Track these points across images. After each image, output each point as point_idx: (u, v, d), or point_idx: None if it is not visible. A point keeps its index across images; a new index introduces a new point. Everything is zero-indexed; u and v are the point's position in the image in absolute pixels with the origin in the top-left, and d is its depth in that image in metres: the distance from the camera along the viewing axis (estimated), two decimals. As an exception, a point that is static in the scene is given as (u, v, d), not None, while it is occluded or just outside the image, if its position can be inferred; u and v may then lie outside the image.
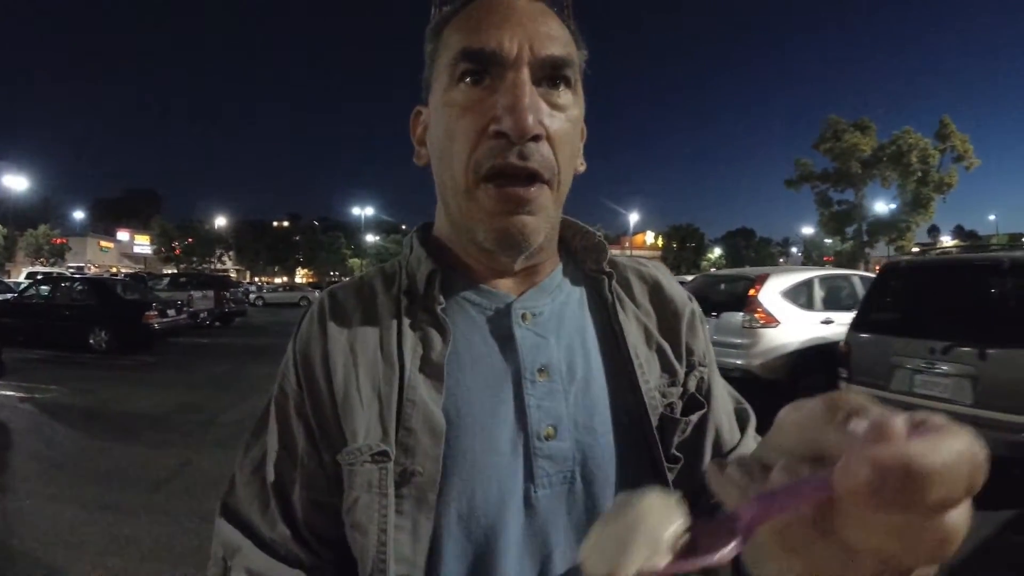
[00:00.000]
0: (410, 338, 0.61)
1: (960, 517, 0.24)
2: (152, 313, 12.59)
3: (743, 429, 0.72)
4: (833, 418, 0.27)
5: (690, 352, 0.71)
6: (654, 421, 0.64)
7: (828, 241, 38.17)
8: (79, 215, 58.93)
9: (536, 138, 0.55)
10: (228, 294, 19.86)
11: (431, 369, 0.60)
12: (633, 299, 0.71)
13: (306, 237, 72.03)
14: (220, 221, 65.21)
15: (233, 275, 39.94)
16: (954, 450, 0.23)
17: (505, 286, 0.66)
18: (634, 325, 0.68)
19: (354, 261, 72.36)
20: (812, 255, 49.20)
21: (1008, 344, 4.10)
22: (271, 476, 0.61)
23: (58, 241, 46.29)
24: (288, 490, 0.60)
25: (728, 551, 0.27)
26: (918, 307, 5.09)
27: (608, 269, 0.70)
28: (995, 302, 4.52)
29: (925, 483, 0.23)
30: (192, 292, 17.17)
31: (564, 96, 0.59)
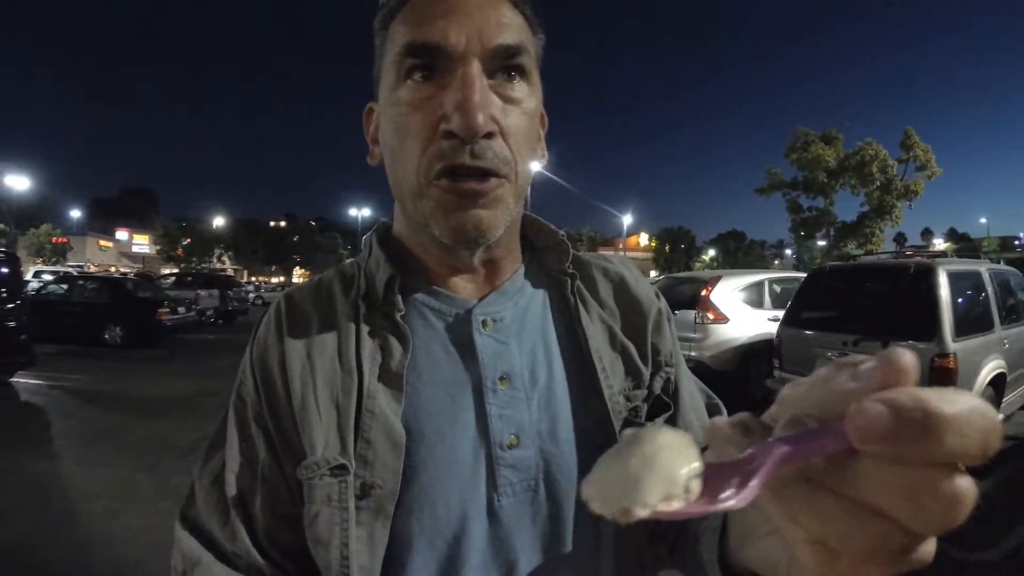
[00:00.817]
0: (368, 346, 0.59)
1: (970, 484, 0.24)
2: (164, 310, 13.46)
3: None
4: (842, 373, 0.26)
5: (656, 352, 0.70)
6: (617, 426, 0.62)
7: (821, 243, 39.26)
8: (75, 214, 59.31)
9: (489, 135, 0.53)
10: (232, 293, 20.75)
11: (390, 378, 0.58)
12: (598, 298, 0.70)
13: (304, 237, 72.99)
14: (218, 221, 65.95)
15: (231, 274, 40.50)
16: (971, 405, 0.23)
17: (466, 290, 0.64)
18: (598, 327, 0.67)
19: (350, 261, 73.12)
20: (804, 258, 50.04)
21: (908, 337, 4.81)
22: (232, 488, 0.59)
23: (59, 240, 46.91)
24: (249, 501, 0.58)
25: (747, 493, 0.26)
26: (836, 305, 5.96)
27: (571, 270, 0.68)
28: (900, 301, 5.29)
29: (942, 429, 0.22)
30: (199, 291, 17.99)
31: (519, 88, 0.57)
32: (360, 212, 79.37)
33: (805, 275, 6.93)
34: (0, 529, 3.79)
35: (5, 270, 8.24)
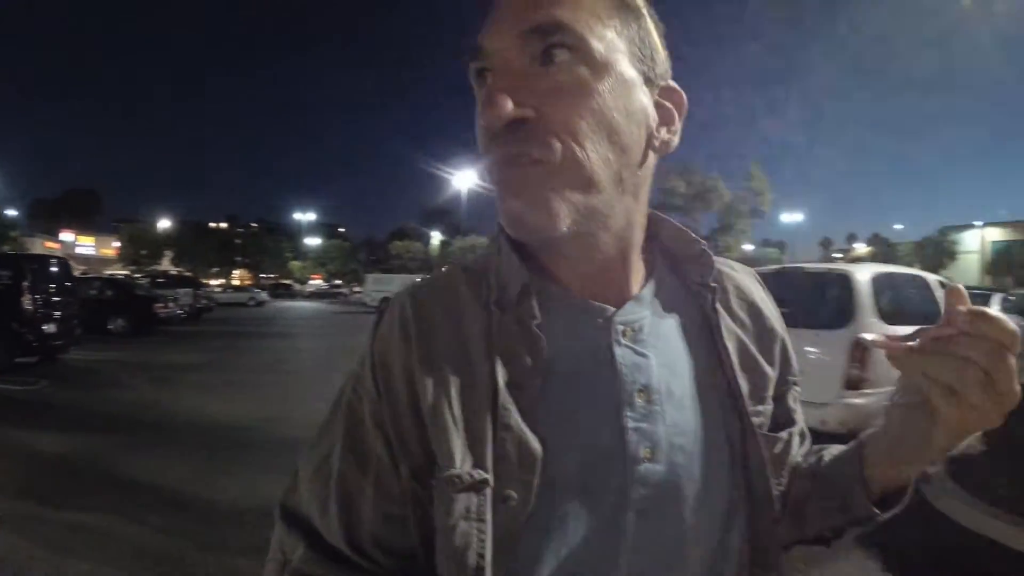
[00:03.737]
0: (502, 355, 0.57)
1: (1013, 368, 0.45)
2: (160, 305, 16.78)
3: (802, 441, 0.74)
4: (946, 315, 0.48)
5: (785, 368, 0.71)
6: (754, 442, 0.63)
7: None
8: (11, 213, 58.92)
9: (519, 122, 0.52)
10: (201, 292, 24.07)
11: (526, 390, 0.56)
12: (731, 311, 0.68)
13: (252, 241, 74.61)
14: (164, 223, 66.78)
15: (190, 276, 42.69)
16: (1007, 319, 0.47)
17: (600, 296, 0.62)
18: (734, 343, 0.65)
19: (295, 264, 75.04)
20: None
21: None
22: (336, 480, 0.59)
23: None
24: (354, 495, 0.58)
25: (922, 340, 0.48)
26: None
27: (713, 284, 0.66)
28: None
29: (997, 322, 0.46)
30: (178, 290, 21.15)
31: (566, 71, 0.53)
32: (304, 216, 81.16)
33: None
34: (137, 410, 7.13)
35: (58, 271, 11.34)
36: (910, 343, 0.48)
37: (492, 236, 0.67)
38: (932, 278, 7.01)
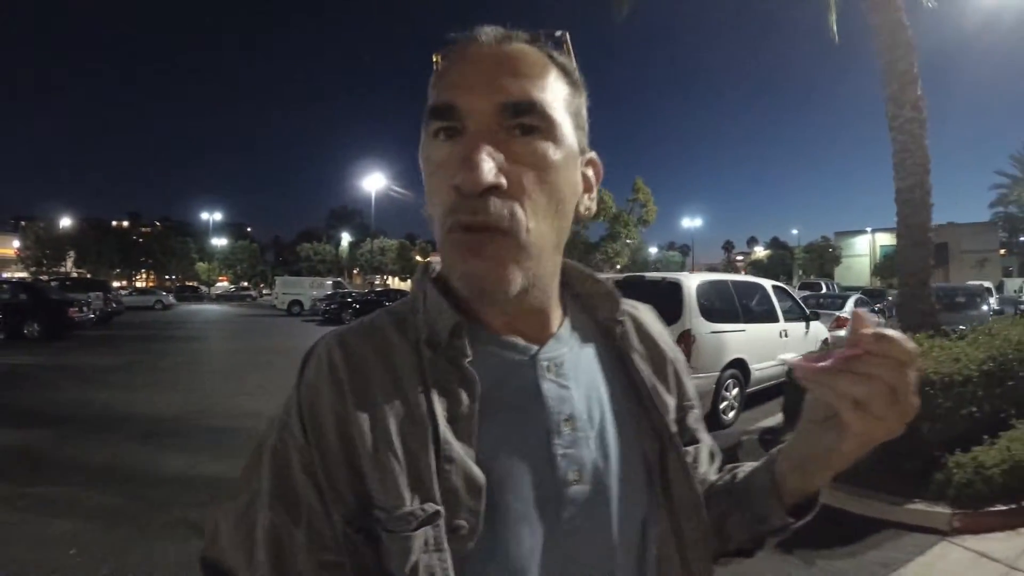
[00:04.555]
0: (437, 393, 0.60)
1: (910, 372, 0.52)
2: (74, 309, 17.11)
3: (712, 460, 0.82)
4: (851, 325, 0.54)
5: (680, 389, 0.78)
6: (672, 454, 0.69)
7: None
8: None
9: (491, 190, 0.55)
10: (111, 296, 24.17)
11: (462, 424, 0.59)
12: (633, 342, 0.74)
13: (158, 242, 71.86)
14: (64, 222, 63.76)
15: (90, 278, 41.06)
16: (903, 337, 0.52)
17: (525, 335, 0.66)
18: (642, 366, 0.72)
19: (201, 265, 72.80)
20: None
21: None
22: (263, 529, 0.58)
23: None
24: (285, 544, 0.57)
25: (832, 361, 0.53)
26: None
27: (620, 318, 0.73)
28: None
29: (895, 341, 0.51)
30: (89, 294, 21.31)
31: (532, 145, 0.58)
32: (212, 216, 78.63)
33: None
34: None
35: None
36: (822, 364, 0.54)
37: (415, 279, 0.71)
38: (768, 283, 8.99)
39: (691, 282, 7.40)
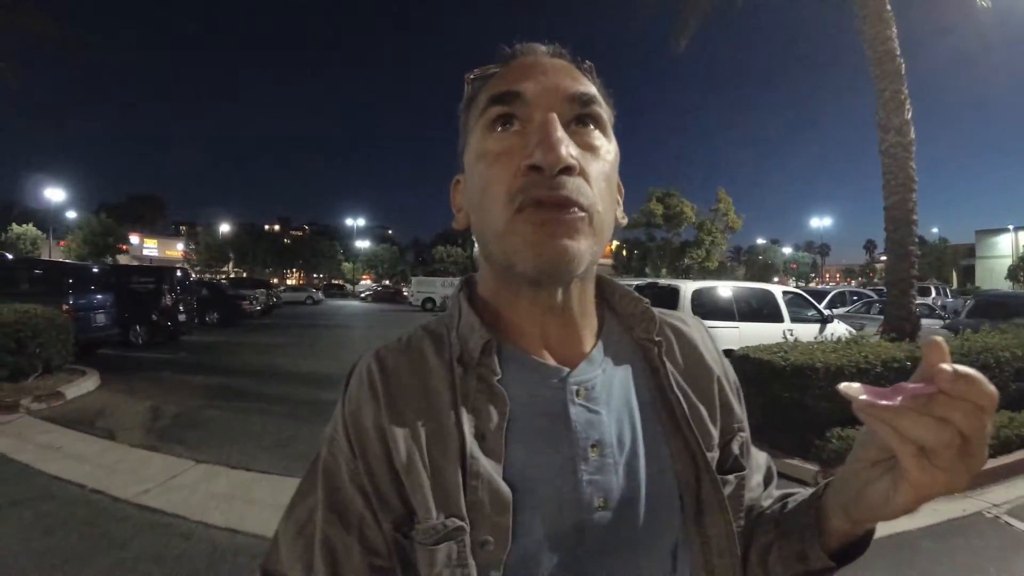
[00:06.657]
0: (467, 409, 0.61)
1: (987, 417, 0.43)
2: (246, 302, 21.57)
3: (767, 484, 0.78)
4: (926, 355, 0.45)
5: (727, 415, 0.72)
6: (716, 482, 0.65)
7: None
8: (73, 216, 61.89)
9: (568, 170, 0.55)
10: (272, 292, 29.73)
11: (490, 441, 0.60)
12: (675, 361, 0.71)
13: (309, 244, 79.08)
14: (224, 227, 70.68)
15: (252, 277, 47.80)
16: (984, 379, 0.43)
17: (557, 355, 0.66)
18: (682, 392, 0.68)
19: (347, 265, 79.21)
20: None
21: None
22: (320, 540, 0.60)
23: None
24: (339, 553, 0.59)
25: (902, 399, 0.44)
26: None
27: (658, 338, 0.70)
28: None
29: (975, 382, 0.42)
30: (256, 290, 26.09)
31: (596, 136, 0.61)
32: (356, 222, 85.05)
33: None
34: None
35: (181, 276, 15.74)
36: (887, 403, 0.44)
37: (452, 295, 0.72)
38: (778, 289, 9.80)
39: (687, 288, 8.87)
